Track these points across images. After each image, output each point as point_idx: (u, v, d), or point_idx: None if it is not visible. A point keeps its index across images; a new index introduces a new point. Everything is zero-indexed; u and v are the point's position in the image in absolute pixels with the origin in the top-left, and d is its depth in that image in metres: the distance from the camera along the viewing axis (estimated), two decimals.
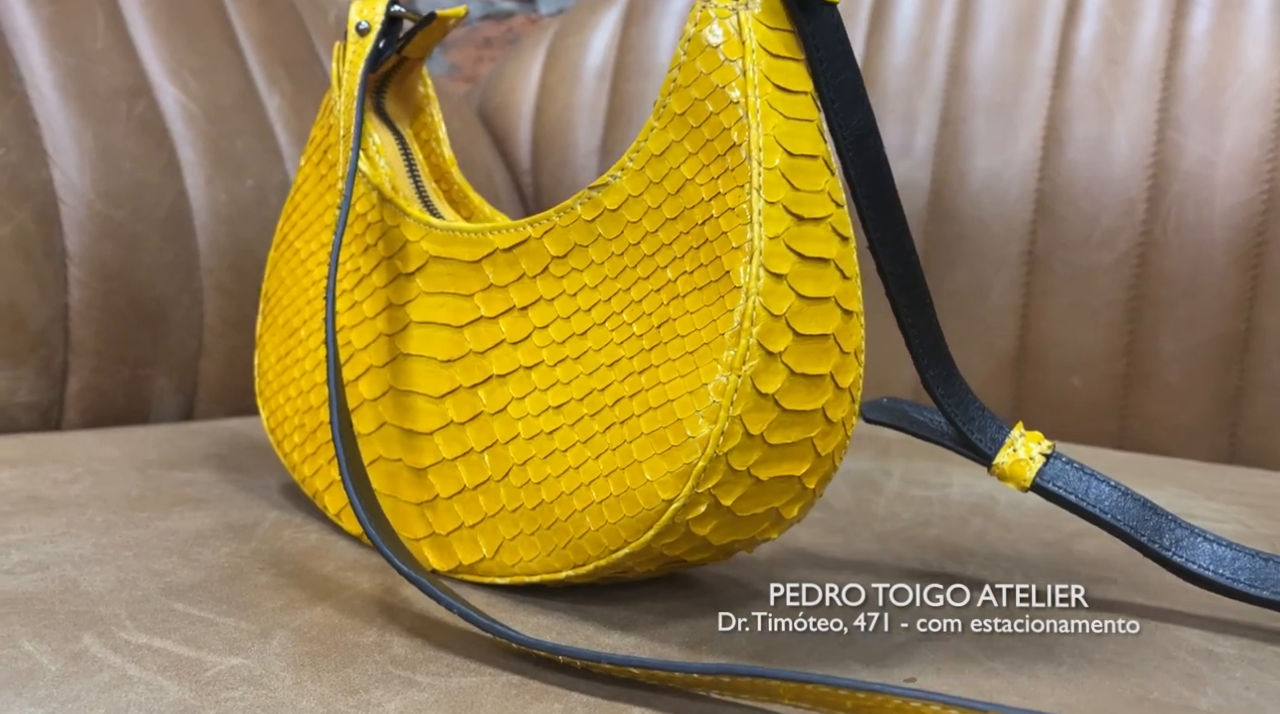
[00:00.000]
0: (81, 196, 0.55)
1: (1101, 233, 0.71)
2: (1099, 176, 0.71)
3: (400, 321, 0.40)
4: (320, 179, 0.46)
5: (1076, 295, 0.72)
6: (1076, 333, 0.72)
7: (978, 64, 0.76)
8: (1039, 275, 0.73)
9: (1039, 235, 0.73)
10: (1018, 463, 0.37)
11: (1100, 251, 0.71)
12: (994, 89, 0.75)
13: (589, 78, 0.88)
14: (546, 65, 0.90)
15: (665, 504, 0.32)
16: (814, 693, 0.26)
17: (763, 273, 0.31)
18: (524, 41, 0.95)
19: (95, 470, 0.48)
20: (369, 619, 0.33)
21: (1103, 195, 0.71)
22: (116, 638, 0.31)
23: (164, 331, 0.59)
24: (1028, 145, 0.73)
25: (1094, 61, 0.72)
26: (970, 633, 0.35)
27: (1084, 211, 0.71)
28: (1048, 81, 0.73)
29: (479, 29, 1.15)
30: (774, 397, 0.31)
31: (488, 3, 1.13)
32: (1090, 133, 0.72)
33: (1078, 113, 0.72)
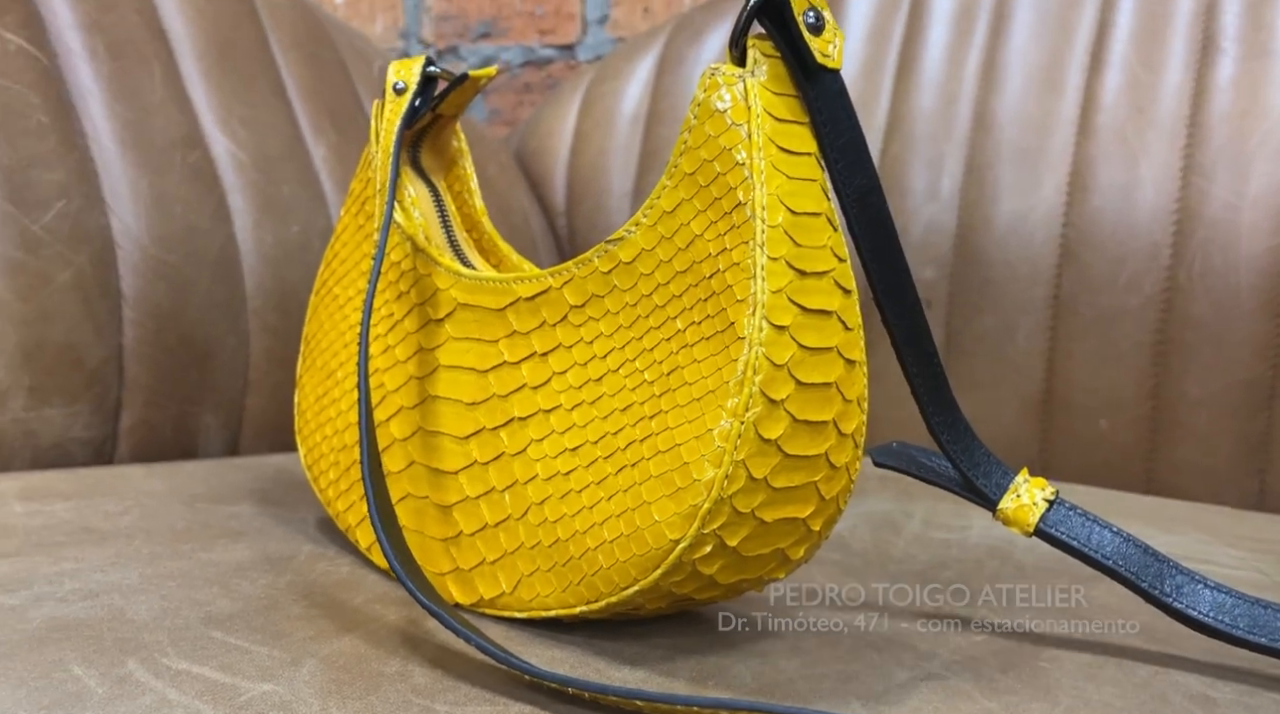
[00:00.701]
0: (137, 241, 0.58)
1: (1127, 277, 0.72)
2: (1124, 222, 0.72)
3: (430, 365, 0.42)
4: (358, 229, 0.48)
5: (1102, 339, 0.72)
6: (1103, 376, 0.72)
7: (1003, 111, 0.77)
8: (1065, 319, 0.74)
9: (1064, 279, 0.74)
10: (1021, 508, 0.39)
11: (1126, 296, 0.72)
12: (1019, 135, 0.76)
13: (623, 123, 0.90)
14: (582, 111, 0.93)
15: (672, 544, 0.33)
16: None
17: (765, 324, 0.32)
18: (561, 88, 0.98)
19: (144, 504, 0.50)
20: (393, 650, 0.35)
21: (1128, 240, 0.72)
22: (159, 664, 0.33)
23: (211, 369, 0.62)
24: (1053, 191, 0.74)
25: (1118, 109, 0.73)
26: (969, 674, 0.36)
27: (1109, 256, 0.72)
28: (1072, 129, 0.75)
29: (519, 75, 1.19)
30: (776, 442, 0.33)
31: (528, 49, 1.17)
32: (1115, 179, 0.73)
33: (1102, 159, 0.73)
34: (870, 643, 0.38)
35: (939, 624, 0.41)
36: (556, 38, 1.12)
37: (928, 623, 0.41)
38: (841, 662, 0.36)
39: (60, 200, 0.55)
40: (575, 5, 1.11)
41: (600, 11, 1.09)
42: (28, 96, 0.55)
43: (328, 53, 0.75)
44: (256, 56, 0.70)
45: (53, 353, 0.54)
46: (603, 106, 0.92)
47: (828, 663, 0.36)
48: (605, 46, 1.10)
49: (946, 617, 0.42)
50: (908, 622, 0.41)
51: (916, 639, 0.39)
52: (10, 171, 0.54)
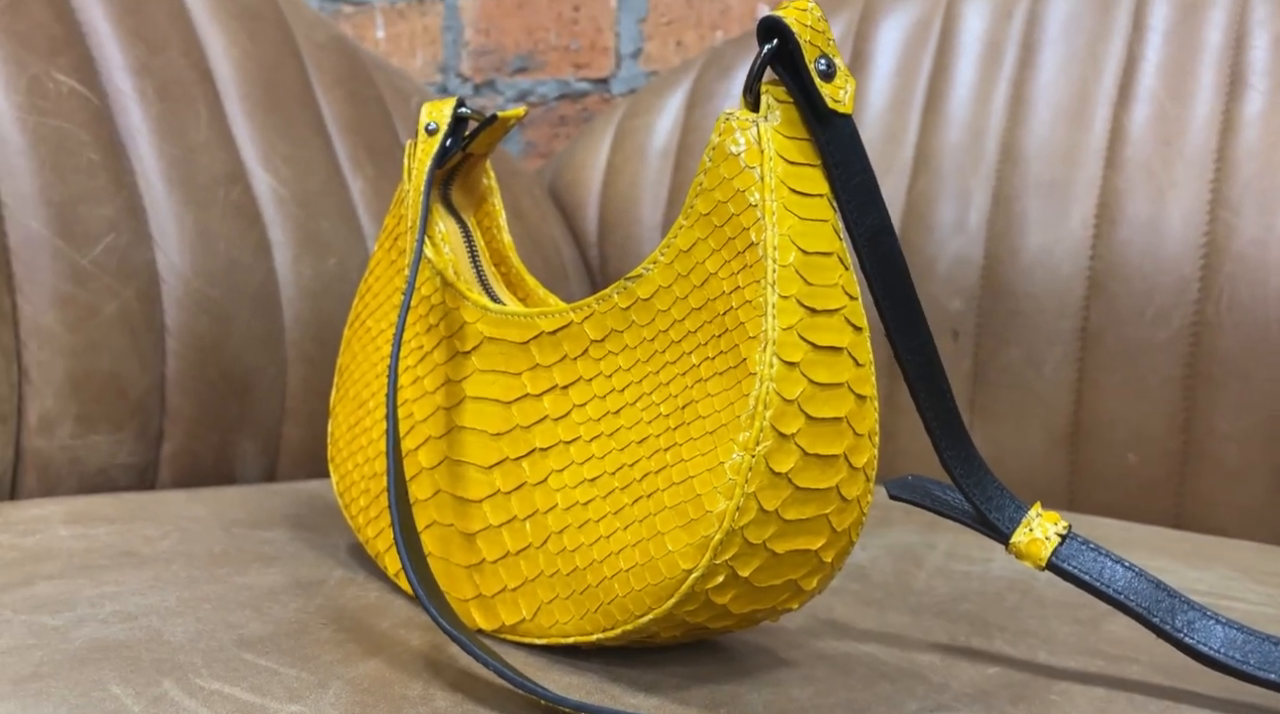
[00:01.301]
0: (180, 276, 0.60)
1: (1155, 310, 0.72)
2: (1151, 255, 0.72)
3: (457, 396, 0.43)
4: (390, 264, 0.50)
5: (1130, 372, 0.72)
6: (1131, 409, 0.72)
7: (1031, 144, 0.78)
8: (1093, 351, 0.74)
9: (1092, 312, 0.74)
10: (1034, 542, 0.39)
11: (1154, 328, 0.72)
12: (1046, 168, 0.77)
13: (654, 157, 0.92)
14: (614, 145, 0.94)
15: (685, 573, 0.34)
16: None
17: (775, 360, 0.33)
18: (593, 122, 1.00)
19: (183, 528, 0.52)
20: (415, 674, 0.36)
21: (1155, 273, 0.72)
22: (192, 684, 0.34)
23: (251, 399, 0.64)
24: (1079, 223, 0.75)
25: (1146, 142, 0.74)
26: (981, 705, 0.36)
27: (1137, 289, 0.72)
28: (1099, 161, 0.75)
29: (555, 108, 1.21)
30: (787, 475, 0.34)
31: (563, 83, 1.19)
32: (1142, 212, 0.73)
33: (1129, 192, 0.73)
34: (883, 673, 0.39)
35: (953, 656, 0.41)
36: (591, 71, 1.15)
37: (942, 654, 0.41)
38: (853, 691, 0.37)
39: (109, 235, 0.57)
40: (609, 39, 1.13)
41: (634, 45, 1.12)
42: (79, 135, 0.58)
43: (367, 90, 0.77)
44: (298, 95, 0.72)
45: (99, 382, 0.57)
46: (634, 140, 0.94)
47: (839, 692, 0.37)
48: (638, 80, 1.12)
49: (961, 649, 0.42)
50: (922, 653, 0.41)
51: (930, 670, 0.39)
52: (61, 207, 0.56)
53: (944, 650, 0.42)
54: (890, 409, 0.79)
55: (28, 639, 0.37)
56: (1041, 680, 0.39)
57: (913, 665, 0.40)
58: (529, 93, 1.19)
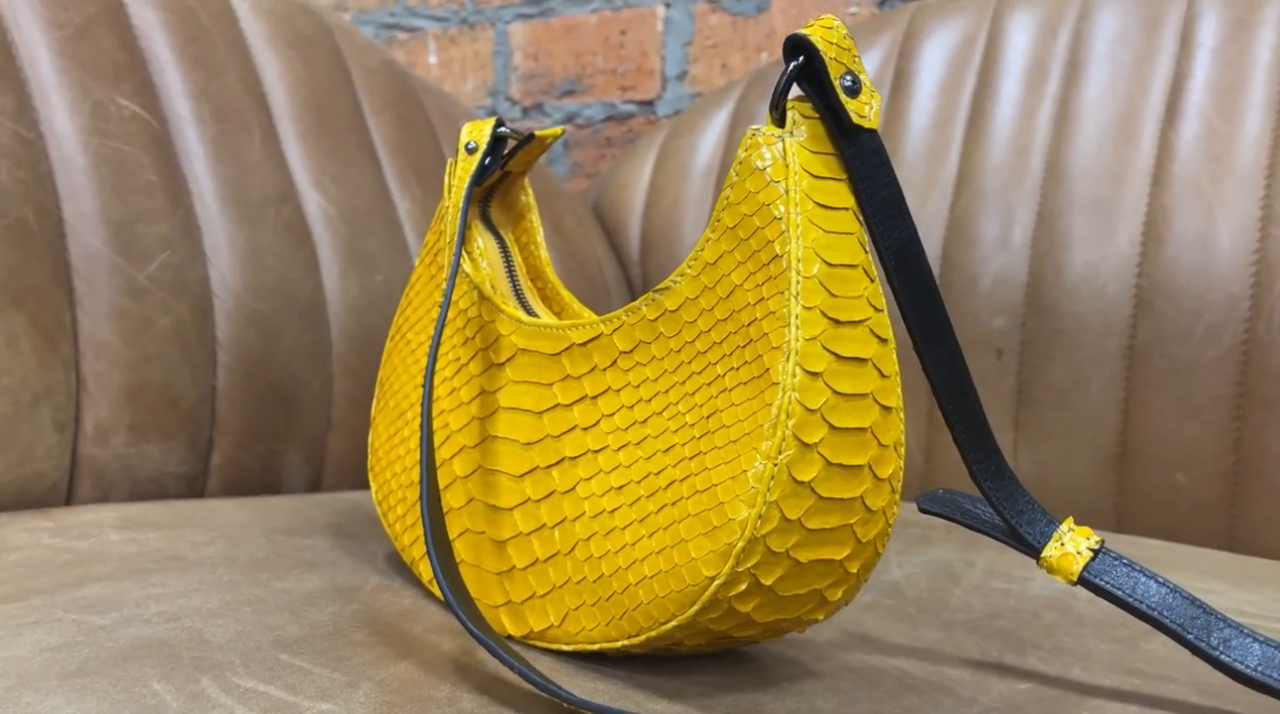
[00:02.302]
0: (232, 291, 0.62)
1: (1204, 329, 0.71)
2: (1200, 273, 0.71)
3: (491, 406, 0.44)
4: (430, 279, 0.51)
5: (1180, 391, 0.71)
6: (1180, 429, 0.71)
7: (1076, 161, 0.77)
8: (1140, 370, 0.73)
9: (1139, 330, 0.73)
10: (1065, 556, 0.39)
11: (1203, 347, 0.71)
12: (1093, 185, 0.76)
13: (696, 176, 0.93)
14: (657, 165, 0.95)
15: (708, 580, 0.34)
16: None
17: (798, 370, 0.34)
18: (637, 143, 1.01)
19: (229, 535, 0.54)
20: (444, 676, 0.37)
21: (1204, 292, 0.71)
22: (229, 682, 0.35)
23: (297, 411, 0.66)
24: (1126, 241, 0.74)
25: (1194, 159, 0.73)
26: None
27: (1185, 307, 0.71)
28: (1147, 179, 0.74)
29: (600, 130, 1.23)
30: (810, 484, 0.34)
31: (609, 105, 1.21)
32: (1190, 229, 0.72)
33: (1178, 209, 0.72)
34: (910, 687, 0.39)
35: (984, 671, 0.41)
36: (637, 94, 1.16)
37: (973, 669, 0.41)
38: (878, 703, 0.37)
39: (164, 252, 0.59)
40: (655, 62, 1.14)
41: (679, 68, 1.13)
42: (139, 157, 0.60)
43: (415, 113, 0.79)
44: (348, 119, 0.74)
45: (152, 393, 0.58)
46: (677, 160, 0.95)
47: (864, 704, 0.37)
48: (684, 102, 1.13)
49: (993, 664, 0.42)
50: (952, 668, 0.41)
51: (959, 685, 0.39)
52: (120, 226, 0.58)
53: (974, 666, 0.42)
54: (931, 425, 0.79)
55: (76, 637, 0.39)
56: (1074, 697, 0.39)
57: (941, 679, 0.40)
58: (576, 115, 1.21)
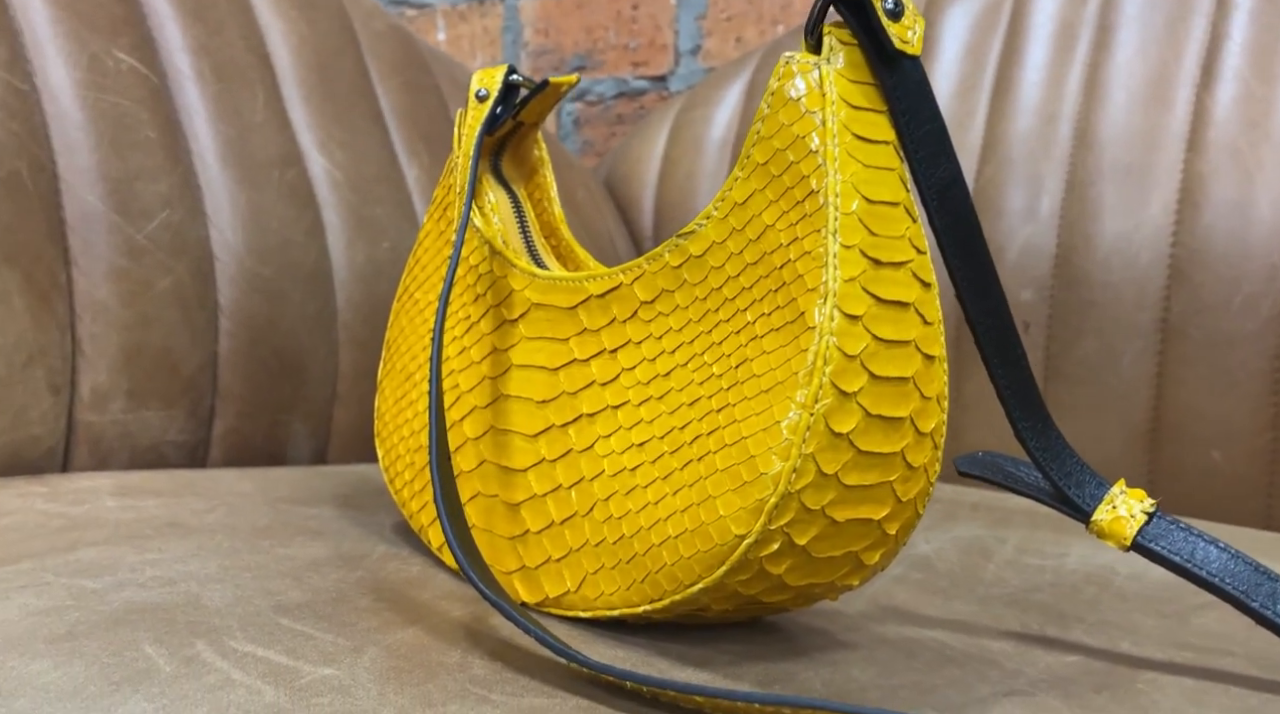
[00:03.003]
0: (234, 254, 0.60)
1: (1242, 299, 0.68)
2: (1238, 241, 0.68)
3: (503, 365, 0.42)
4: (439, 235, 0.49)
5: (1216, 364, 0.69)
6: (1216, 404, 0.68)
7: (1107, 128, 0.74)
8: (1174, 343, 0.70)
9: (1173, 302, 0.70)
10: (1117, 520, 0.36)
11: (1241, 319, 0.68)
12: (1123, 152, 0.73)
13: (711, 148, 0.90)
14: (671, 138, 0.93)
15: (737, 540, 0.32)
16: None
17: (837, 314, 0.31)
18: (650, 116, 0.98)
19: (230, 503, 0.51)
20: (454, 642, 0.34)
21: (1242, 261, 0.68)
22: (225, 646, 0.33)
23: (302, 380, 0.64)
24: (1160, 209, 0.71)
25: (1231, 124, 0.70)
26: (1059, 692, 0.33)
27: (1222, 277, 0.69)
28: (1181, 145, 0.71)
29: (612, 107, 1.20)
30: (848, 436, 0.31)
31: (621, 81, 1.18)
32: (1228, 196, 0.69)
33: (1214, 176, 0.70)
34: (951, 658, 0.36)
35: (1027, 644, 0.39)
36: (649, 69, 1.13)
37: (1015, 642, 0.39)
38: (918, 674, 0.34)
39: (164, 211, 0.57)
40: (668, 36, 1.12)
41: (693, 42, 1.10)
42: (138, 113, 0.58)
43: (424, 79, 0.77)
44: (355, 83, 0.72)
45: (151, 358, 0.56)
46: (691, 132, 0.92)
47: (903, 674, 0.34)
48: (697, 77, 1.10)
49: (1035, 637, 0.40)
50: (993, 640, 0.39)
51: (1002, 657, 0.37)
52: (118, 183, 0.56)
53: (1016, 638, 0.39)
54: (956, 407, 0.76)
55: (66, 601, 0.36)
56: (1125, 670, 0.36)
57: (983, 652, 0.37)
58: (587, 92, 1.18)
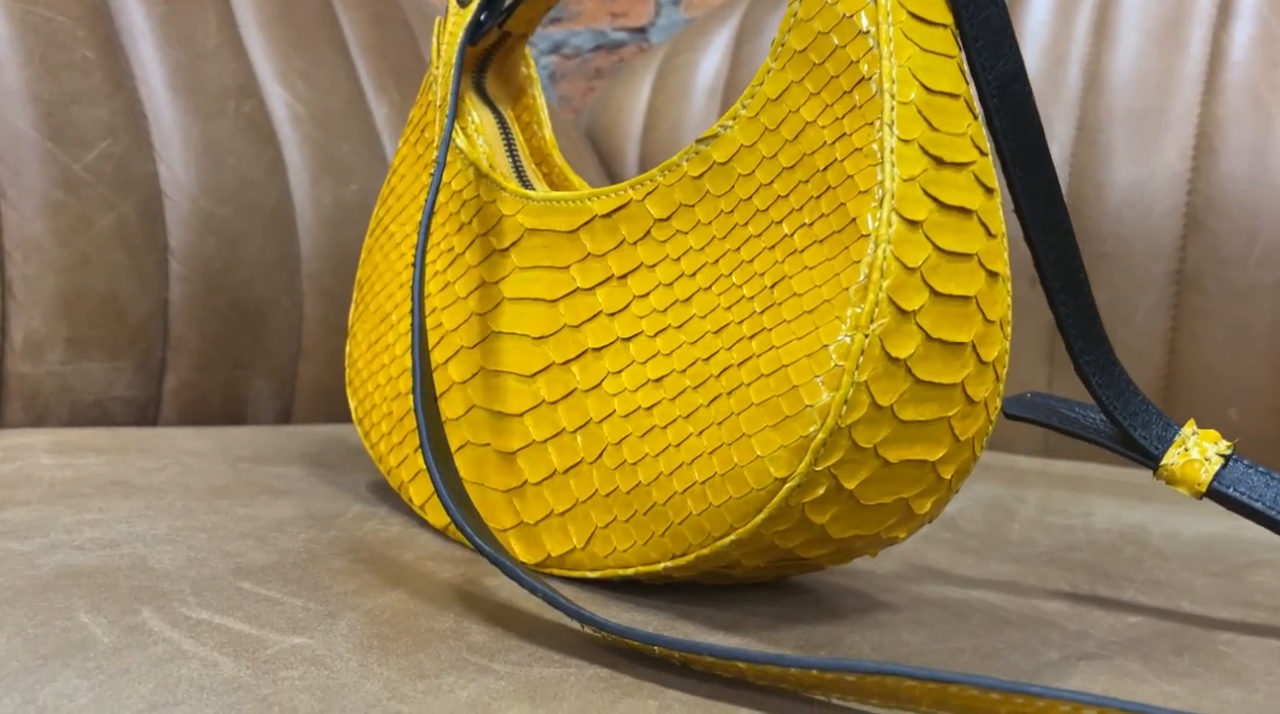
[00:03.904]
0: (186, 192, 0.55)
1: (1261, 250, 0.65)
2: (1258, 188, 0.65)
3: (493, 299, 0.37)
4: (417, 159, 0.44)
5: (1233, 319, 0.65)
6: (1233, 361, 0.65)
7: (1117, 70, 0.71)
8: (1189, 296, 0.67)
9: (1189, 253, 0.67)
10: (1190, 464, 0.32)
11: (1260, 271, 0.65)
12: (1136, 96, 0.70)
13: (699, 97, 0.85)
14: (656, 86, 0.88)
15: (778, 483, 0.28)
16: (960, 697, 0.21)
17: (895, 218, 0.27)
18: (632, 64, 0.93)
19: (184, 462, 0.46)
20: (446, 606, 0.30)
21: (1262, 209, 0.65)
22: (176, 613, 0.28)
23: (263, 333, 0.58)
24: (1175, 155, 0.68)
25: (1251, 64, 0.67)
26: (1136, 655, 0.29)
27: (1241, 227, 0.65)
28: (1197, 87, 0.68)
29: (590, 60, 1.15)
30: (906, 363, 0.27)
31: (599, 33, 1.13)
32: (1247, 140, 0.66)
33: (1233, 119, 0.66)
34: (1005, 620, 0.32)
35: (1083, 605, 0.35)
36: (629, 20, 1.08)
37: (1069, 603, 0.35)
38: (974, 637, 0.30)
39: (104, 140, 0.51)
40: None
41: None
42: (73, 30, 0.52)
43: (391, 12, 0.71)
44: (318, 12, 0.67)
45: (93, 303, 0.51)
46: (677, 79, 0.87)
47: (958, 637, 0.30)
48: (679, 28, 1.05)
49: (1087, 597, 0.36)
50: (1044, 600, 0.35)
51: (1060, 618, 0.33)
52: (51, 106, 0.50)
53: (1068, 599, 0.35)
54: None
55: None
56: (1197, 631, 0.32)
57: (1037, 613, 0.33)
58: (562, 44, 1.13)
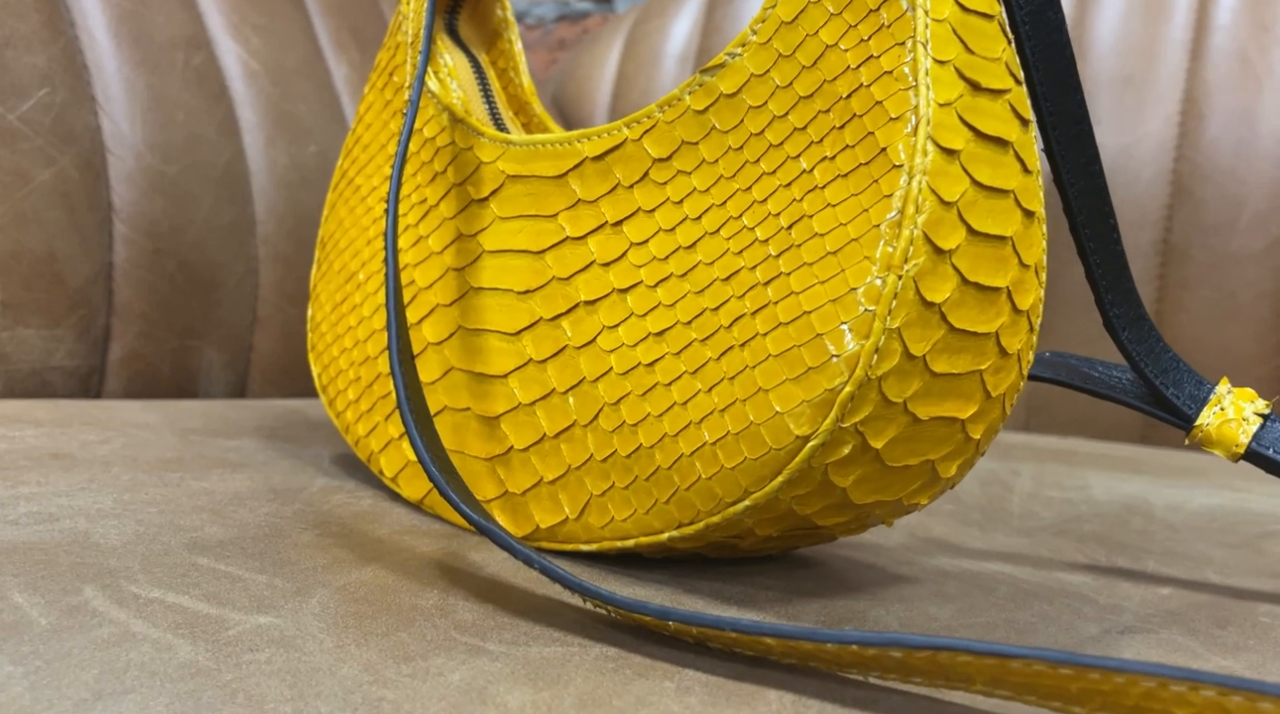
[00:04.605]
0: (131, 148, 0.51)
1: (1249, 217, 0.63)
2: (1245, 154, 0.64)
3: (471, 253, 0.34)
4: (385, 106, 0.41)
5: (1220, 288, 0.64)
6: (1220, 331, 0.64)
7: (1102, 36, 0.69)
8: (1176, 266, 0.65)
9: (1176, 221, 0.65)
10: (1227, 424, 0.30)
11: (1247, 238, 0.63)
12: (1122, 62, 0.68)
13: (669, 64, 0.82)
14: (625, 53, 0.85)
15: (799, 442, 0.25)
16: (1023, 674, 0.19)
17: (931, 146, 0.24)
18: (599, 32, 0.90)
19: (130, 434, 0.43)
20: (428, 582, 0.27)
21: (1250, 175, 0.64)
22: (124, 591, 0.25)
23: (216, 300, 0.55)
24: (1162, 122, 0.66)
25: (1238, 28, 0.65)
26: (1179, 628, 0.27)
27: (1228, 194, 0.64)
28: (1183, 53, 0.66)
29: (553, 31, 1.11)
30: (940, 308, 0.25)
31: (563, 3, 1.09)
32: (1235, 105, 0.64)
33: (1220, 85, 0.65)
34: (1032, 593, 0.30)
35: (1105, 577, 0.33)
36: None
37: (1091, 575, 0.33)
38: (1004, 610, 0.28)
39: (42, 89, 0.47)
40: None
41: None
42: None
43: None
44: None
45: (29, 264, 0.47)
46: (647, 46, 0.84)
47: (987, 611, 0.28)
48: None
49: (1108, 570, 0.34)
50: (1064, 573, 0.33)
51: (1088, 591, 0.31)
52: None
53: (1088, 571, 0.33)
54: None
55: None
56: (1233, 602, 0.30)
57: (1063, 585, 0.31)
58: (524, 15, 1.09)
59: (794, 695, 0.21)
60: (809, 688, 0.21)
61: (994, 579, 0.31)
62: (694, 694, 0.21)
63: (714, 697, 0.21)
